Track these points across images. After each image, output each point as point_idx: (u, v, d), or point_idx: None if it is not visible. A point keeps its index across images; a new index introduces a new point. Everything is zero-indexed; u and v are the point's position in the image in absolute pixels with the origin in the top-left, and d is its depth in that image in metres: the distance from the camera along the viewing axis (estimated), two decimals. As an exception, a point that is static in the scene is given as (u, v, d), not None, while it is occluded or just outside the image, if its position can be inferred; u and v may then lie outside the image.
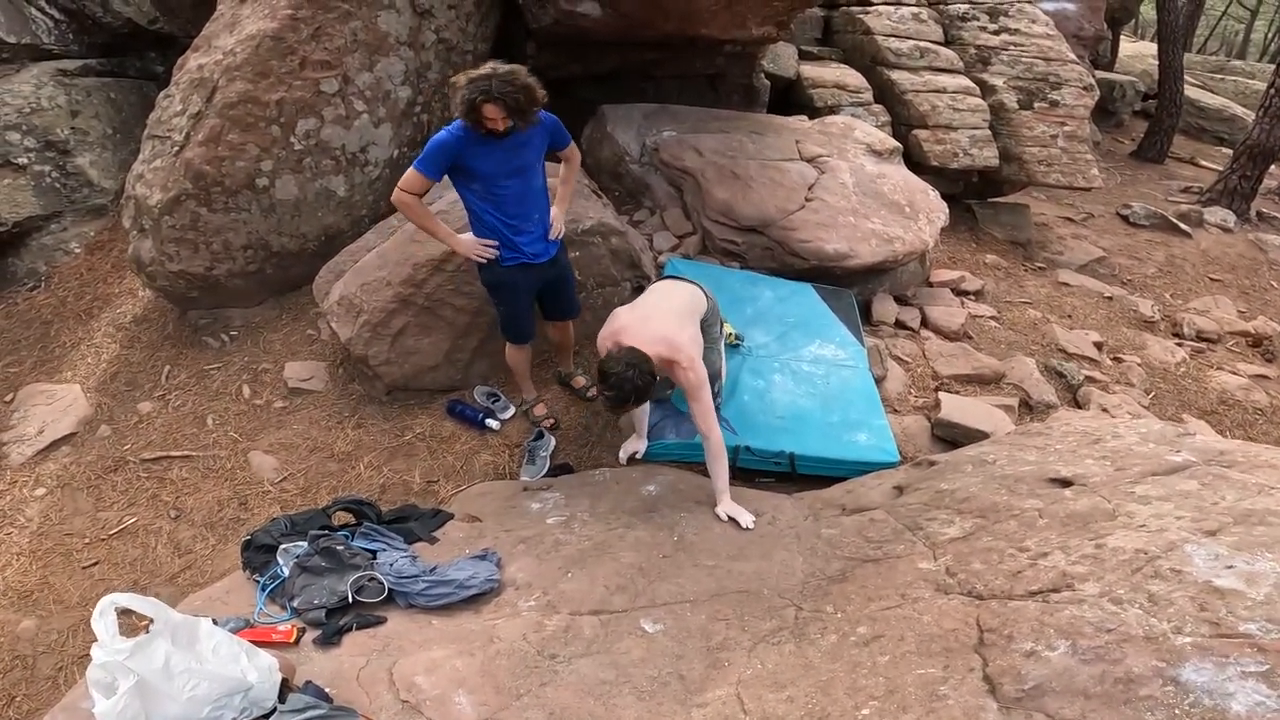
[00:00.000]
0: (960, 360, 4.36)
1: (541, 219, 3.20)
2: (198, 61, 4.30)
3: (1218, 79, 15.19)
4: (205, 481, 3.55)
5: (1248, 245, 7.67)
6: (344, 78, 4.31)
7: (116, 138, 5.61)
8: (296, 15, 4.16)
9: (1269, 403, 4.76)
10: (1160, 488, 2.24)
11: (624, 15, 4.65)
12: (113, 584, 3.09)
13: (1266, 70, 16.17)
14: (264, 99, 4.10)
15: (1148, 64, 13.40)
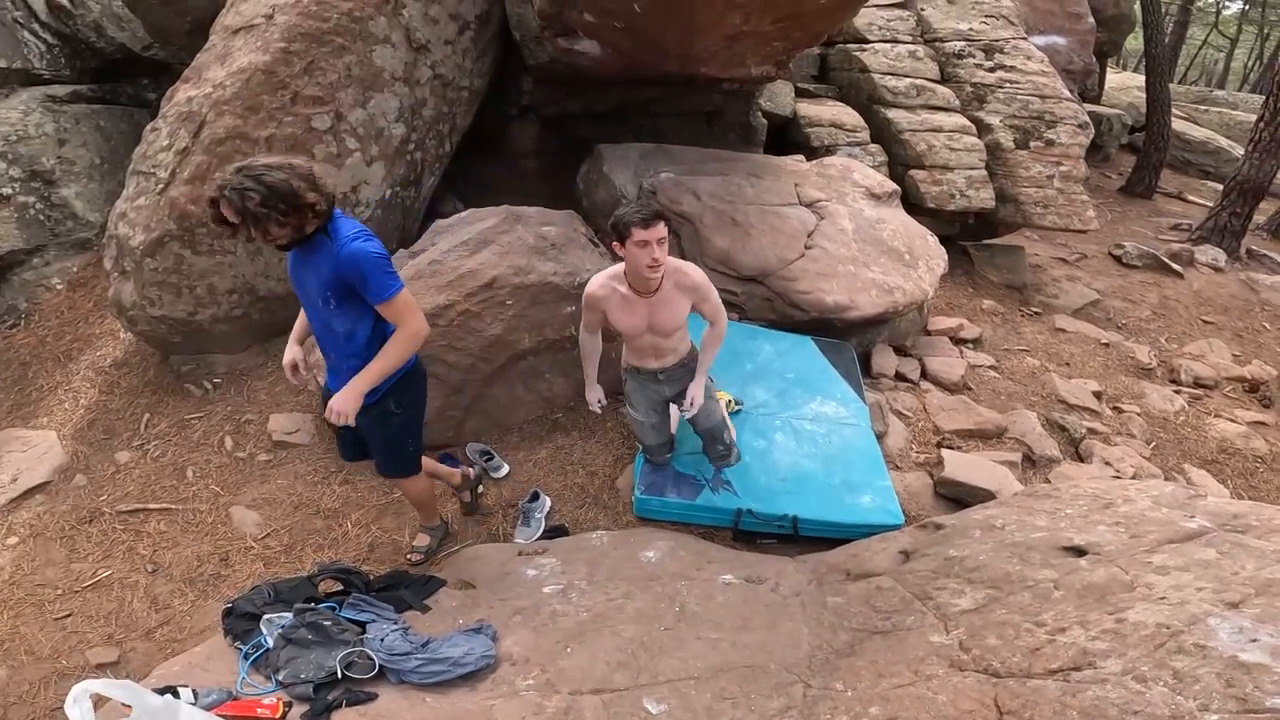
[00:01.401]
0: (961, 414, 4.31)
1: (339, 368, 2.62)
2: (187, 94, 4.18)
3: (1201, 110, 15.40)
4: (184, 536, 3.43)
5: (1240, 285, 7.70)
6: (336, 114, 4.21)
7: (104, 168, 5.47)
8: (289, 49, 4.07)
9: (1269, 450, 4.75)
10: (1178, 557, 2.20)
11: (623, 54, 4.59)
12: (86, 636, 2.99)
13: (1249, 100, 16.44)
14: (253, 135, 3.99)
15: (1133, 95, 13.55)
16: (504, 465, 3.74)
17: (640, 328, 3.01)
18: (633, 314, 2.95)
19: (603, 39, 4.43)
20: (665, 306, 2.95)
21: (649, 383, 3.28)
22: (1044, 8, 9.89)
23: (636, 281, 2.86)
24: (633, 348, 3.19)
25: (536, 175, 5.74)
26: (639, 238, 2.66)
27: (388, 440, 2.82)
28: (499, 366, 3.76)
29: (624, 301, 2.93)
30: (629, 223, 2.66)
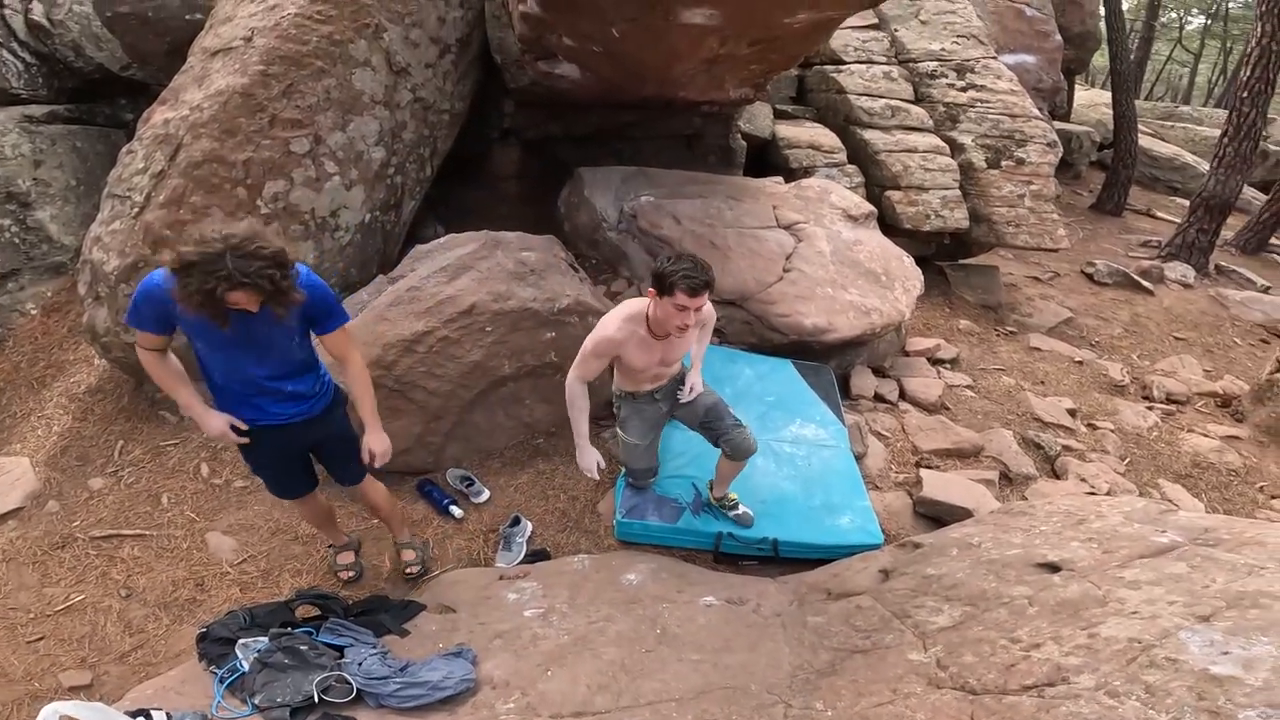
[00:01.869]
0: (939, 434, 4.36)
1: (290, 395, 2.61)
2: (163, 116, 4.14)
3: (1167, 126, 15.71)
4: (159, 561, 3.39)
5: (1209, 301, 7.86)
6: (315, 137, 4.18)
7: (80, 190, 5.42)
8: (268, 71, 4.04)
9: (1242, 464, 4.84)
10: (1149, 571, 2.24)
11: (602, 78, 4.63)
12: (59, 659, 2.96)
13: (1214, 115, 16.79)
14: (230, 159, 3.95)
15: (1101, 113, 13.80)
16: (485, 490, 3.73)
17: (653, 362, 3.04)
18: (648, 353, 2.99)
19: (582, 63, 4.47)
20: (679, 342, 2.99)
21: (645, 404, 3.28)
22: (1013, 26, 10.04)
23: (657, 328, 2.88)
24: (633, 378, 3.17)
25: (518, 199, 5.76)
26: (681, 302, 2.64)
27: (349, 446, 2.86)
28: (479, 393, 3.75)
29: (642, 343, 2.94)
30: (676, 285, 2.61)
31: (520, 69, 4.89)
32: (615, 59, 4.21)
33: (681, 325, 2.71)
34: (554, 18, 3.87)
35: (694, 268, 2.62)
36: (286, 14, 4.10)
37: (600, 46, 4.07)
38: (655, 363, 3.04)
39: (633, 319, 2.90)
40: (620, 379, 3.26)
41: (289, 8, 4.11)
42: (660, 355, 3.02)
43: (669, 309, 2.68)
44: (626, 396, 3.29)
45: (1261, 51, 8.44)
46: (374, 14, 4.31)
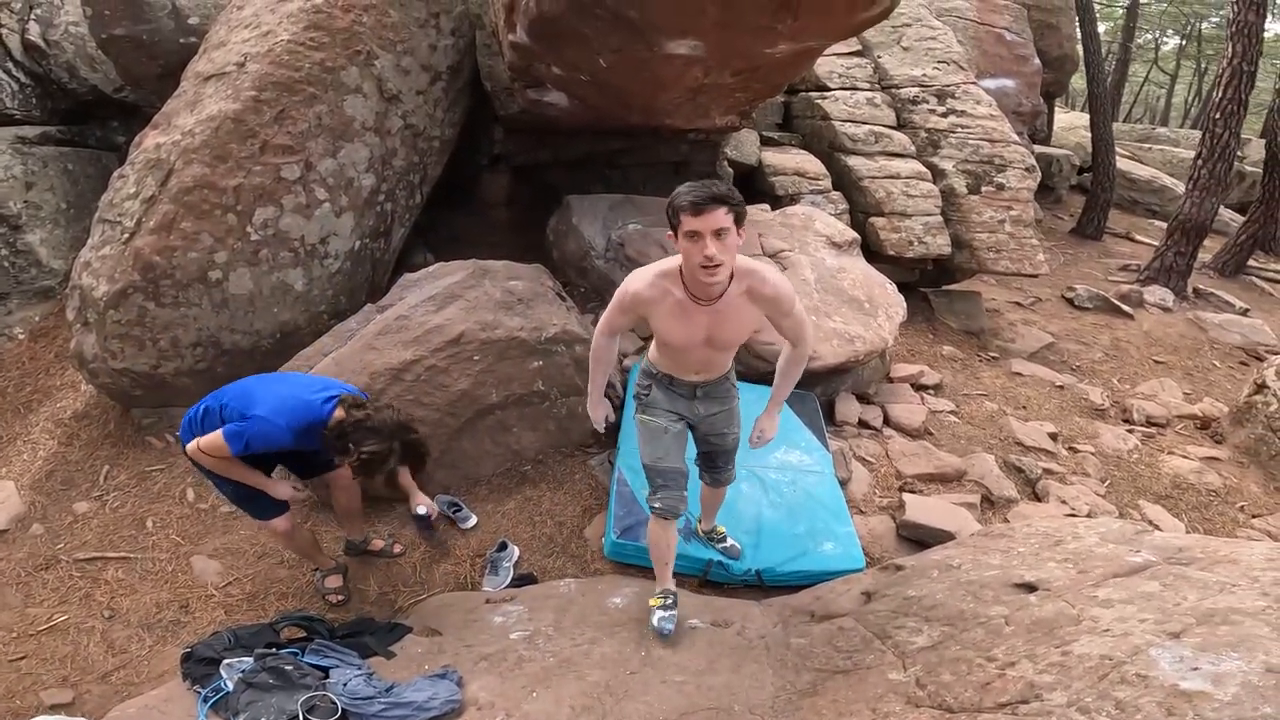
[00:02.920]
0: (922, 459, 4.41)
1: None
2: (155, 140, 4.18)
3: (1145, 149, 15.86)
4: (143, 584, 3.41)
5: (1188, 325, 7.98)
6: (306, 164, 4.23)
7: (70, 213, 5.44)
8: (260, 97, 4.09)
9: (1222, 484, 4.89)
10: (1122, 590, 2.28)
11: (590, 106, 4.70)
12: (41, 678, 2.97)
13: (1191, 137, 17.00)
14: (221, 184, 3.99)
15: (1080, 136, 13.97)
16: (472, 516, 3.75)
17: (695, 340, 2.49)
18: (688, 324, 2.43)
19: (570, 91, 4.54)
20: (731, 318, 2.42)
21: (681, 394, 2.77)
22: (993, 51, 10.16)
23: (694, 285, 2.31)
24: (674, 358, 2.67)
25: (507, 226, 5.80)
26: (688, 226, 2.13)
27: None
28: (466, 421, 3.78)
29: (678, 308, 2.39)
30: (678, 207, 2.15)
31: (509, 96, 4.96)
32: (602, 88, 4.29)
33: (704, 263, 2.15)
34: (543, 48, 3.94)
35: (695, 184, 2.17)
36: (280, 40, 4.15)
37: (588, 76, 4.14)
38: (699, 341, 2.50)
39: (668, 275, 2.37)
40: (656, 357, 2.76)
41: (282, 34, 4.17)
42: (706, 332, 2.46)
43: (684, 246, 2.20)
44: (661, 378, 2.77)
45: (1233, 72, 8.50)
46: (366, 41, 4.37)
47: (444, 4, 4.85)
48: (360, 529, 3.48)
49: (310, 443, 2.65)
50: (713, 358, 2.64)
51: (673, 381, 2.74)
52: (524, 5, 3.62)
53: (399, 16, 4.54)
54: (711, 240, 2.11)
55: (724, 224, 2.11)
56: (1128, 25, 19.42)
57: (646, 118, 4.82)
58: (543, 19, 3.59)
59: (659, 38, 3.52)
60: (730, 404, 2.86)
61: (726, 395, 2.84)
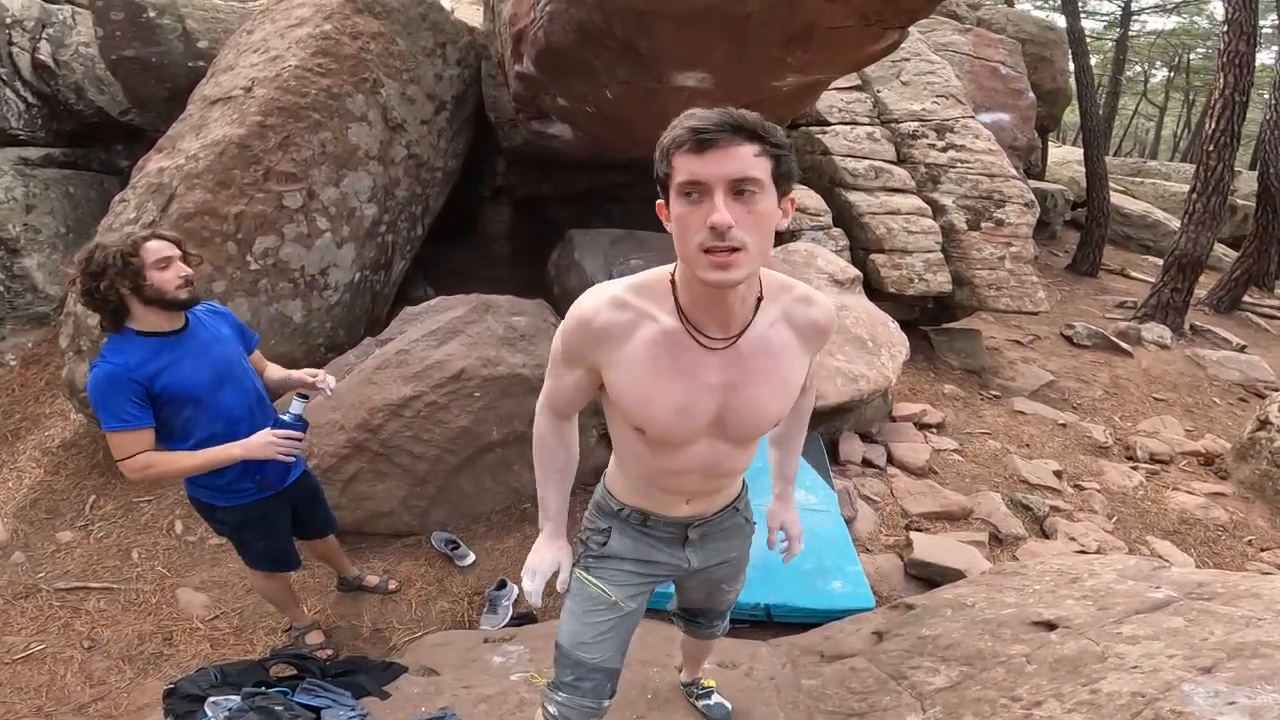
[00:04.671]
0: (928, 498, 4.36)
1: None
2: (158, 164, 4.14)
3: (1137, 183, 15.95)
4: (125, 614, 3.31)
5: (1186, 362, 7.97)
6: (309, 192, 4.20)
7: (69, 238, 5.38)
8: (266, 122, 4.06)
9: (1229, 519, 4.85)
10: (1146, 626, 2.23)
11: (595, 138, 4.70)
12: (14, 707, 2.86)
13: (1181, 170, 17.17)
14: (223, 211, 3.94)
15: (1074, 170, 14.07)
16: (470, 554, 3.66)
17: (697, 420, 1.40)
18: (686, 383, 1.35)
19: (575, 123, 4.54)
20: (765, 369, 1.37)
21: (661, 540, 1.70)
22: (989, 85, 10.21)
23: (695, 298, 1.31)
24: (654, 467, 1.54)
25: (508, 260, 5.79)
26: (685, 175, 1.15)
27: (320, 491, 2.94)
28: (466, 458, 3.71)
29: (666, 350, 1.34)
30: (668, 145, 1.18)
31: (514, 128, 4.97)
32: (608, 120, 4.28)
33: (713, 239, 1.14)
34: (549, 79, 3.94)
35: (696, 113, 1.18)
36: (288, 65, 4.15)
37: (593, 107, 4.14)
38: (704, 423, 1.40)
39: (645, 291, 1.36)
40: (618, 478, 1.70)
41: (290, 60, 4.17)
42: (718, 401, 1.38)
43: (680, 217, 1.19)
44: (622, 515, 1.69)
45: (1225, 103, 8.48)
46: (373, 68, 4.37)
47: (451, 34, 4.87)
48: (348, 567, 3.37)
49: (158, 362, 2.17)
50: (723, 461, 1.50)
51: (647, 520, 1.66)
52: (532, 36, 3.62)
53: (406, 45, 4.55)
54: (727, 198, 1.13)
55: (751, 172, 1.13)
56: (1117, 58, 19.71)
57: (651, 151, 4.79)
58: (551, 50, 3.58)
59: (668, 70, 3.52)
60: (743, 547, 1.87)
61: (738, 533, 1.80)
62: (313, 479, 2.89)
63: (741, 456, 1.54)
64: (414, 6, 4.69)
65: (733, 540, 1.80)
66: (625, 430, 1.51)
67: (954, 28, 10.43)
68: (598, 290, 1.39)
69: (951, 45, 9.97)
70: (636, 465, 1.59)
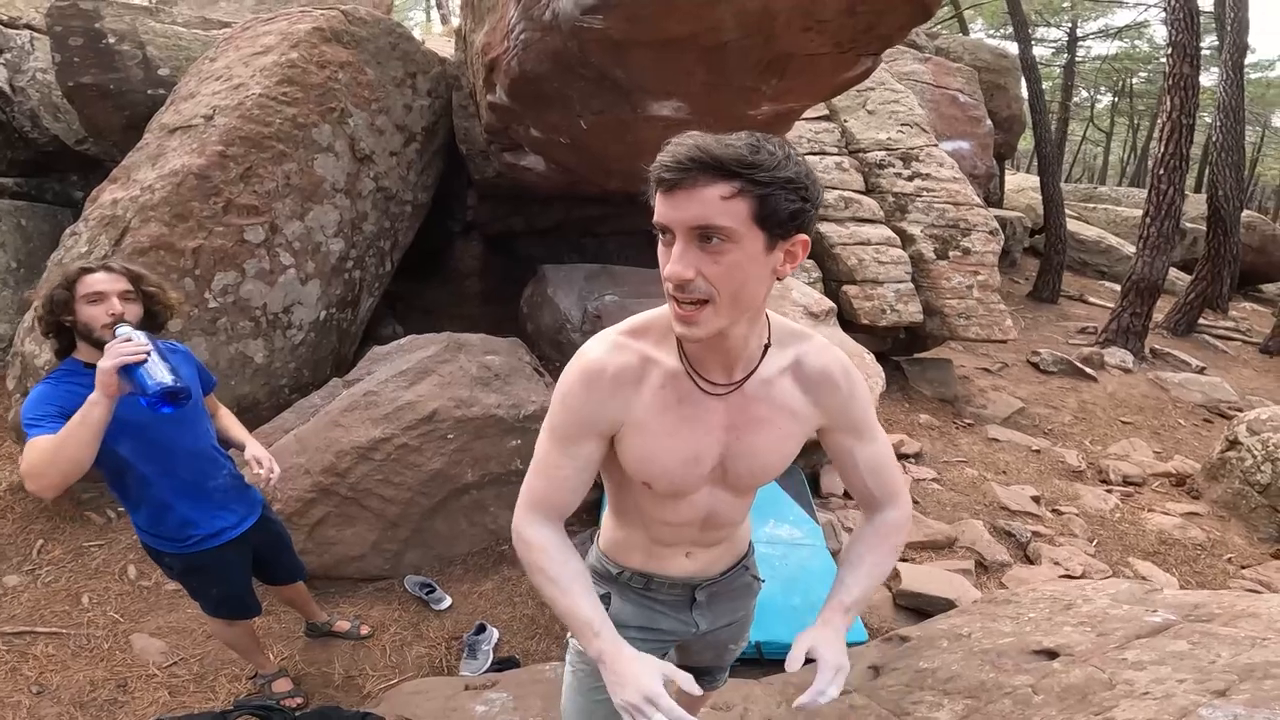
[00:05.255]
0: (911, 528, 4.31)
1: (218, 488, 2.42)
2: (112, 196, 3.96)
3: (1090, 208, 16.37)
4: (76, 660, 3.12)
5: (1149, 385, 8.13)
6: (271, 226, 4.05)
7: (20, 273, 5.13)
8: (227, 153, 3.92)
9: (1206, 538, 4.92)
10: (1150, 651, 2.18)
11: (568, 170, 4.64)
12: None
13: (1131, 195, 17.66)
14: (180, 246, 3.77)
15: (1029, 197, 14.36)
16: (446, 597, 3.51)
17: (699, 469, 1.30)
18: (691, 431, 1.27)
19: (549, 155, 4.48)
20: (767, 419, 1.28)
21: (666, 603, 1.56)
22: (948, 113, 10.42)
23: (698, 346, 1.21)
24: (656, 520, 1.42)
25: (479, 297, 5.68)
26: (657, 215, 1.08)
27: (285, 537, 2.81)
28: (440, 500, 3.57)
29: (671, 394, 1.25)
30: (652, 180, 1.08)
31: (485, 159, 4.89)
32: (582, 151, 4.24)
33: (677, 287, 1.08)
34: (522, 108, 3.88)
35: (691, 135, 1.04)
36: (251, 93, 4.03)
37: (567, 138, 4.09)
38: (705, 471, 1.31)
39: (647, 332, 1.29)
40: (617, 530, 1.54)
41: (254, 87, 4.05)
42: (721, 450, 1.30)
43: (659, 252, 1.11)
44: (630, 578, 1.53)
45: (1173, 126, 8.64)
46: (340, 98, 4.27)
47: (421, 64, 4.80)
48: (317, 613, 3.22)
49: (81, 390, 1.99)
50: (722, 510, 1.41)
51: (650, 583, 1.52)
52: (505, 65, 3.57)
53: (375, 74, 4.46)
54: (690, 245, 1.05)
55: (715, 219, 1.01)
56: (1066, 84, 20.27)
57: (625, 183, 4.76)
58: (524, 79, 3.53)
59: (643, 99, 3.48)
60: (749, 607, 1.71)
61: (745, 593, 1.66)
62: (276, 525, 2.75)
63: (740, 506, 1.45)
64: (384, 36, 4.62)
65: (740, 600, 1.68)
66: (628, 485, 1.38)
67: (914, 56, 10.68)
68: (594, 341, 1.31)
69: (913, 74, 10.19)
70: (635, 520, 1.46)
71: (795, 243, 1.08)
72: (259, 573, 2.74)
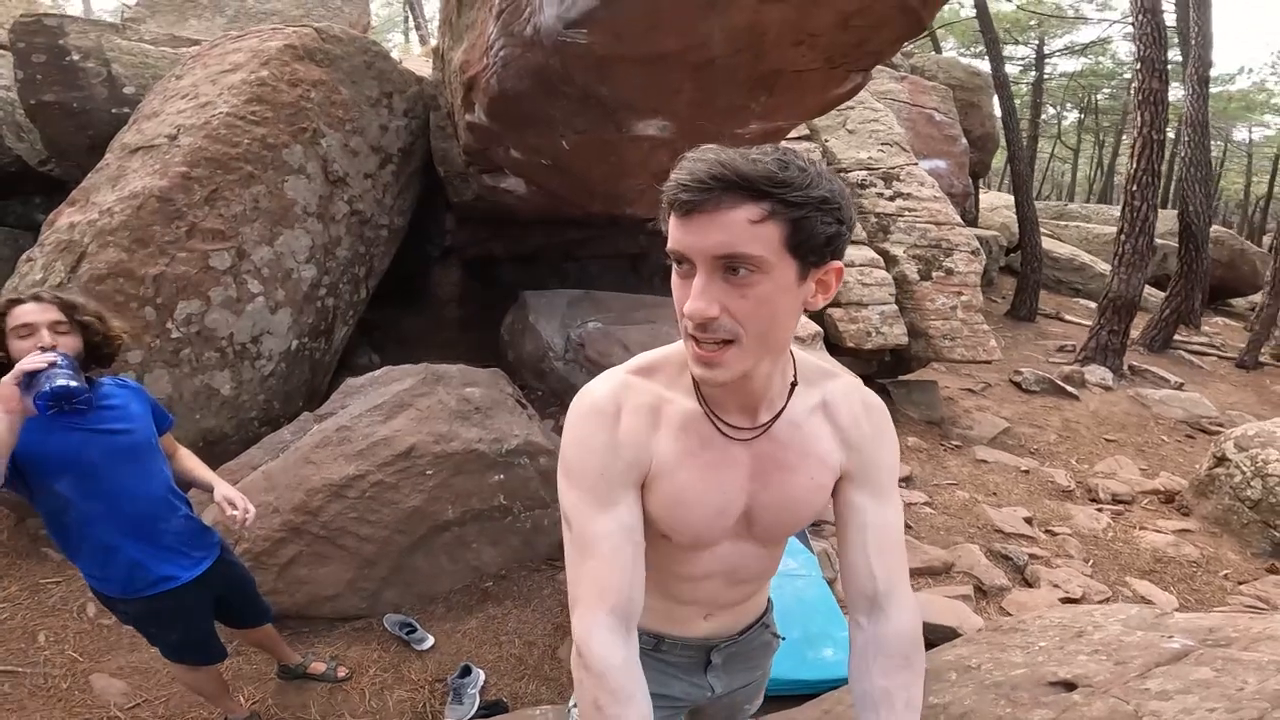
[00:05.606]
0: (907, 554, 4.21)
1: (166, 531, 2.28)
2: (70, 219, 3.79)
3: (1062, 226, 16.55)
4: (33, 699, 2.95)
5: (1130, 402, 8.15)
6: (239, 251, 3.88)
7: (-22, 300, 4.89)
8: (191, 174, 3.76)
9: (1200, 554, 4.89)
10: (1173, 680, 2.05)
11: (549, 192, 4.53)
12: None
13: (1100, 212, 17.88)
14: (140, 273, 3.60)
15: (1004, 216, 14.46)
16: (428, 637, 3.33)
17: (723, 520, 1.15)
18: (716, 477, 1.12)
19: (529, 177, 4.37)
20: (798, 463, 1.14)
21: (679, 666, 1.39)
22: (925, 132, 10.45)
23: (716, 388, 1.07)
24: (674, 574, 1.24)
25: (458, 324, 5.54)
26: (671, 241, 0.95)
27: (248, 580, 2.67)
28: (419, 538, 3.41)
29: (692, 437, 1.10)
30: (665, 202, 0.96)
31: (464, 182, 4.77)
32: (563, 172, 4.14)
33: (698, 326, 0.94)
34: (502, 128, 3.77)
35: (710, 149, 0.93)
36: (218, 113, 3.88)
37: (549, 159, 3.99)
38: (730, 522, 1.16)
39: (652, 372, 1.14)
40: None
41: (221, 106, 3.91)
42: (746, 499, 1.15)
43: (673, 283, 1.00)
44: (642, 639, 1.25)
45: (1144, 142, 8.62)
46: (313, 118, 4.13)
47: (398, 83, 4.68)
48: (289, 654, 3.04)
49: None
50: (748, 564, 1.24)
51: (662, 644, 1.34)
52: (484, 83, 3.46)
53: (350, 94, 4.33)
54: (713, 277, 0.92)
55: (742, 247, 0.89)
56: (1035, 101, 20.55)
57: (608, 206, 4.68)
58: (504, 97, 3.42)
59: (628, 118, 3.39)
60: (767, 666, 1.56)
61: (764, 653, 1.51)
62: (237, 567, 2.62)
63: (768, 559, 1.28)
64: (359, 55, 4.50)
65: (758, 660, 1.50)
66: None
67: (891, 75, 10.75)
68: (598, 380, 1.13)
69: (890, 93, 10.24)
70: (654, 576, 1.20)
71: (829, 271, 0.96)
72: (222, 616, 2.61)
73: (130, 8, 8.33)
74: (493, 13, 3.27)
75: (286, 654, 3.01)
